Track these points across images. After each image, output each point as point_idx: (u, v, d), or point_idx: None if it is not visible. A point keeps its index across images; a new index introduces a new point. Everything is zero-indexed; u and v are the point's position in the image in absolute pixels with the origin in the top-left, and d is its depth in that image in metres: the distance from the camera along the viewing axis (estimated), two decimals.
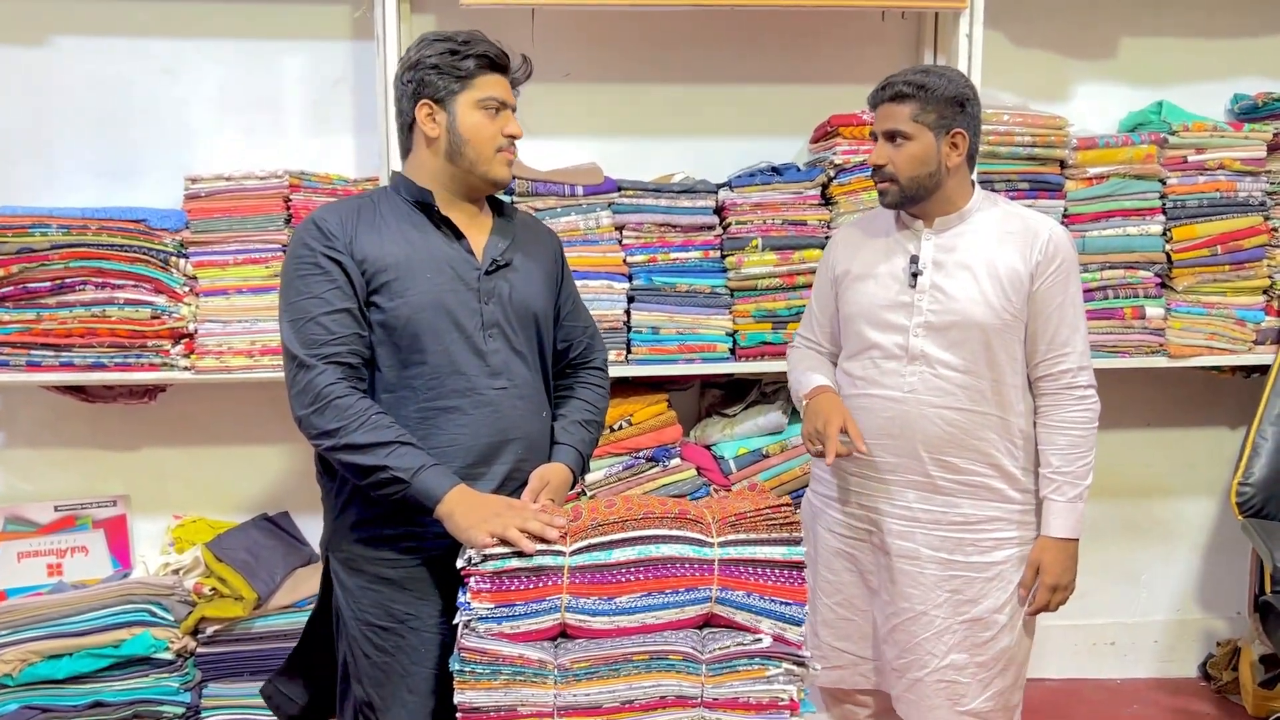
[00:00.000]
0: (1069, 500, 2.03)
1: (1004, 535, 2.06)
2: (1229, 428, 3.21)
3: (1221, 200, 2.83)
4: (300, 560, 2.82)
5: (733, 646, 1.50)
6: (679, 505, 1.55)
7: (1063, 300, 2.01)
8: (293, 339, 1.70)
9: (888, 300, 2.06)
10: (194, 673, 2.64)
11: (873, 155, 2.03)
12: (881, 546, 2.10)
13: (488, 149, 1.78)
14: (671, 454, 2.76)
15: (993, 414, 2.03)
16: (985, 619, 2.05)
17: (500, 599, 1.46)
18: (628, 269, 2.70)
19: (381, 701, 1.75)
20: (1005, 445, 2.04)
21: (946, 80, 1.99)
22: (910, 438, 2.04)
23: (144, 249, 2.56)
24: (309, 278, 1.71)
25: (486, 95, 1.77)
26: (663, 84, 2.92)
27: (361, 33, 2.78)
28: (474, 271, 1.78)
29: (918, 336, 2.03)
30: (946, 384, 2.02)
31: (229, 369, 2.60)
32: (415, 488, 1.62)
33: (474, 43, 1.77)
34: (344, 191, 2.65)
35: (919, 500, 2.05)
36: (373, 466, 1.63)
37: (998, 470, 2.04)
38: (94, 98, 2.76)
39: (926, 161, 1.99)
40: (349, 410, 1.65)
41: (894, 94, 1.99)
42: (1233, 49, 3.07)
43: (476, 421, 1.76)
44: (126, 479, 2.89)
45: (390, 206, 1.81)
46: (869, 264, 2.11)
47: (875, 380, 2.08)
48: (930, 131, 1.98)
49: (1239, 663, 3.11)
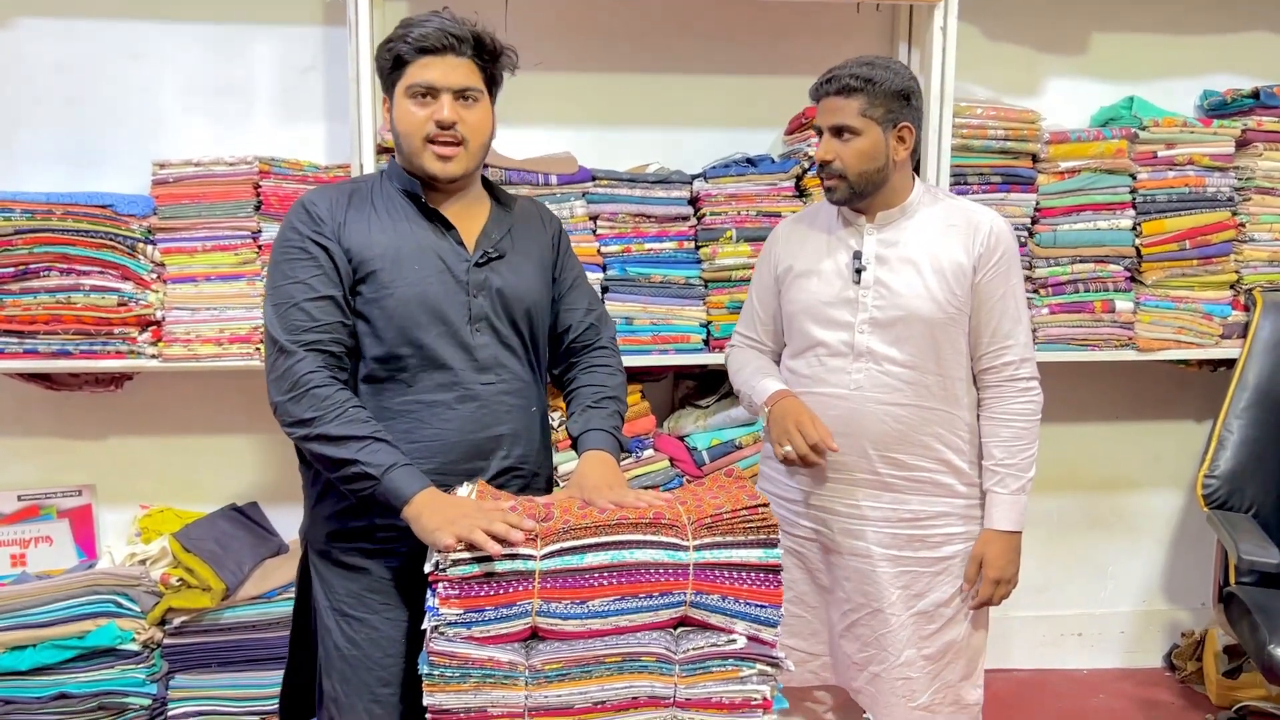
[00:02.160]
0: (1011, 493, 2.02)
1: (952, 530, 2.05)
2: (1195, 421, 3.25)
3: (1190, 195, 2.85)
4: (269, 551, 2.80)
5: (706, 647, 1.49)
6: (654, 509, 1.53)
7: (1005, 292, 2.00)
8: (275, 323, 1.66)
9: (832, 297, 2.04)
10: (161, 664, 2.62)
11: (819, 150, 1.99)
12: (832, 546, 2.09)
13: (415, 140, 1.70)
14: (645, 445, 2.76)
15: (939, 409, 2.02)
16: (930, 612, 2.05)
17: (469, 604, 1.44)
18: (602, 259, 2.69)
19: (347, 697, 1.72)
20: (952, 440, 2.03)
21: (892, 73, 1.95)
22: (858, 435, 2.02)
23: (110, 235, 2.52)
24: (295, 262, 1.68)
25: (414, 81, 1.69)
26: (637, 74, 2.90)
27: (333, 18, 2.74)
28: (463, 263, 1.74)
29: (863, 333, 2.01)
30: (893, 380, 2.00)
31: (197, 357, 2.57)
32: (384, 486, 1.58)
33: (413, 25, 1.69)
34: (315, 179, 2.62)
35: (868, 499, 2.04)
36: (344, 460, 1.60)
37: (945, 465, 2.03)
38: (59, 81, 2.71)
39: (875, 157, 1.96)
40: (326, 400, 1.62)
41: (840, 87, 1.95)
42: (1203, 45, 3.09)
43: (463, 417, 1.73)
44: (92, 468, 2.86)
45: (382, 194, 1.77)
46: (812, 260, 2.09)
47: (821, 378, 2.06)
48: (878, 126, 1.95)
49: (1203, 653, 3.16)
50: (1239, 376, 2.81)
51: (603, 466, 1.72)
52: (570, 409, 1.87)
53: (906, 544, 2.04)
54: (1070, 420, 3.18)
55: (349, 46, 2.51)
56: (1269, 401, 2.78)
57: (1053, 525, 3.24)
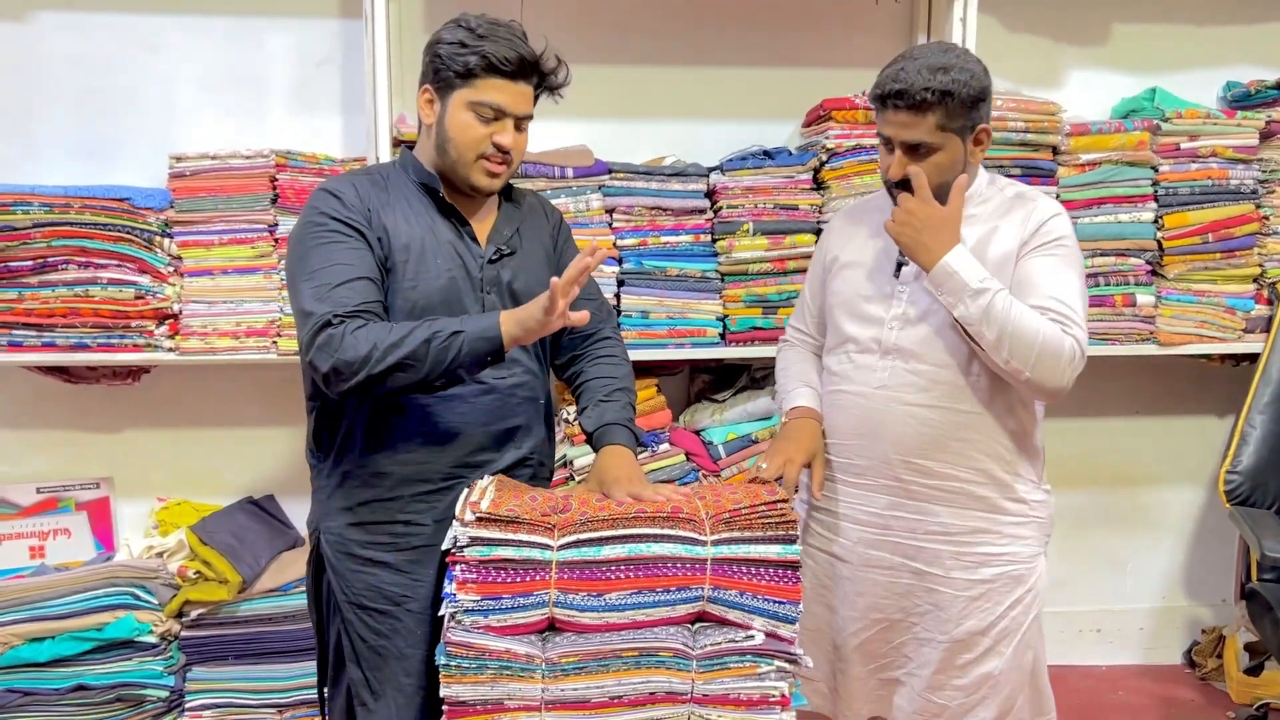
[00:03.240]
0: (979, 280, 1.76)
1: (990, 550, 1.87)
2: (1217, 416, 3.22)
3: (1213, 188, 2.82)
4: (286, 544, 2.81)
5: (724, 643, 1.48)
6: (672, 502, 1.53)
7: (1051, 265, 1.80)
8: (318, 307, 1.60)
9: (870, 291, 1.92)
10: (178, 656, 2.63)
11: (892, 169, 1.81)
12: (849, 557, 1.95)
13: (469, 154, 1.71)
14: (660, 439, 2.74)
15: (975, 413, 1.85)
16: (966, 640, 1.87)
17: (486, 590, 1.44)
18: (618, 252, 2.68)
19: (378, 683, 1.73)
20: (993, 448, 1.86)
21: (968, 76, 1.76)
22: (879, 437, 1.88)
23: (128, 228, 2.52)
24: (331, 245, 1.65)
25: (483, 100, 1.69)
26: (654, 66, 2.89)
27: (349, 11, 2.74)
28: (477, 260, 1.75)
29: (893, 329, 1.88)
30: (920, 380, 1.85)
31: (214, 350, 2.57)
32: (470, 332, 1.56)
33: (490, 39, 1.67)
34: (331, 171, 2.62)
35: (891, 507, 1.90)
36: (421, 341, 1.55)
37: (984, 476, 1.86)
38: (77, 74, 2.71)
39: (954, 167, 1.81)
40: (375, 331, 1.57)
41: (914, 103, 1.75)
42: (1226, 36, 3.05)
43: (479, 410, 1.74)
44: (110, 461, 2.86)
45: (399, 184, 1.77)
46: (858, 252, 1.98)
47: (848, 375, 1.94)
48: (957, 137, 1.79)
49: (1223, 650, 3.13)
50: (1262, 371, 2.77)
51: (621, 461, 1.72)
52: (581, 403, 1.87)
53: (935, 559, 1.87)
54: (1090, 415, 3.15)
55: (365, 39, 2.51)
56: None
57: (1072, 520, 3.21)
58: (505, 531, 1.46)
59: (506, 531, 1.46)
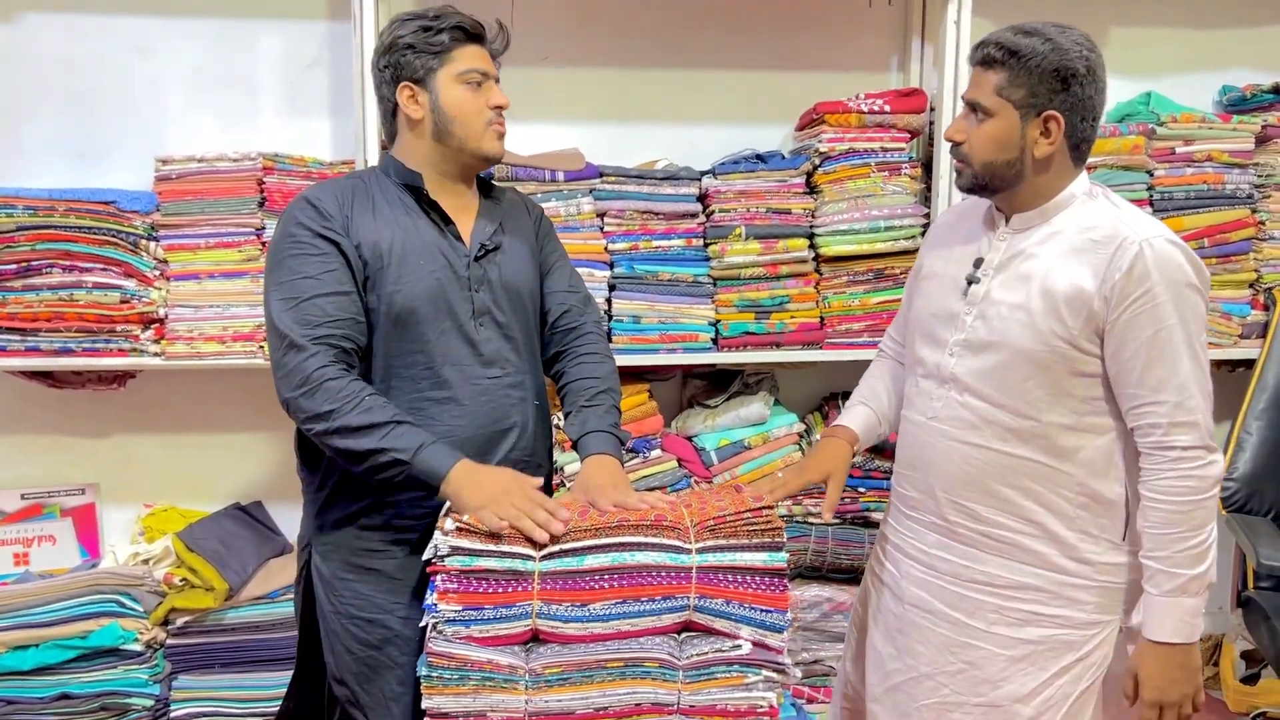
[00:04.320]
0: (1164, 594, 1.59)
1: (1040, 610, 1.68)
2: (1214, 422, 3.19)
3: (1209, 192, 2.80)
4: (273, 551, 2.78)
5: (711, 653, 1.46)
6: (655, 511, 1.50)
7: (1154, 334, 1.55)
8: (286, 320, 1.61)
9: (942, 309, 1.74)
10: (163, 664, 2.60)
11: (950, 127, 1.68)
12: (899, 593, 1.82)
13: (476, 123, 1.73)
14: (652, 445, 2.72)
15: (1031, 460, 1.66)
16: (1005, 707, 1.69)
17: (468, 601, 1.41)
18: (609, 256, 2.65)
19: (369, 697, 1.71)
20: (1052, 500, 1.66)
21: (1051, 46, 1.57)
22: (927, 471, 1.74)
23: (113, 231, 2.50)
24: (305, 257, 1.64)
25: (467, 68, 1.72)
26: (646, 69, 2.87)
27: (338, 13, 2.72)
28: (463, 259, 1.74)
29: (953, 355, 1.70)
30: (971, 415, 1.68)
31: (201, 355, 2.55)
32: (416, 467, 1.55)
33: (446, 16, 1.73)
34: (319, 175, 2.60)
35: (938, 547, 1.75)
36: (370, 450, 1.56)
37: (1038, 529, 1.67)
38: (63, 76, 2.68)
39: (1006, 146, 1.61)
40: (342, 392, 1.58)
41: (983, 56, 1.62)
42: (1221, 40, 3.04)
43: (471, 412, 1.72)
44: (96, 467, 2.84)
45: (381, 189, 1.75)
46: (941, 263, 1.78)
47: (912, 401, 1.80)
48: (1015, 110, 1.60)
49: (1220, 658, 3.10)
50: (1258, 377, 2.76)
51: (606, 469, 1.70)
52: (565, 407, 1.85)
53: (976, 610, 1.71)
54: None
55: (353, 41, 2.49)
56: None
57: None
58: (487, 542, 1.43)
59: (488, 542, 1.43)
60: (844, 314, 2.71)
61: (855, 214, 2.66)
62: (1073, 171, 1.67)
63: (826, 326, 2.71)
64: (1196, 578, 1.58)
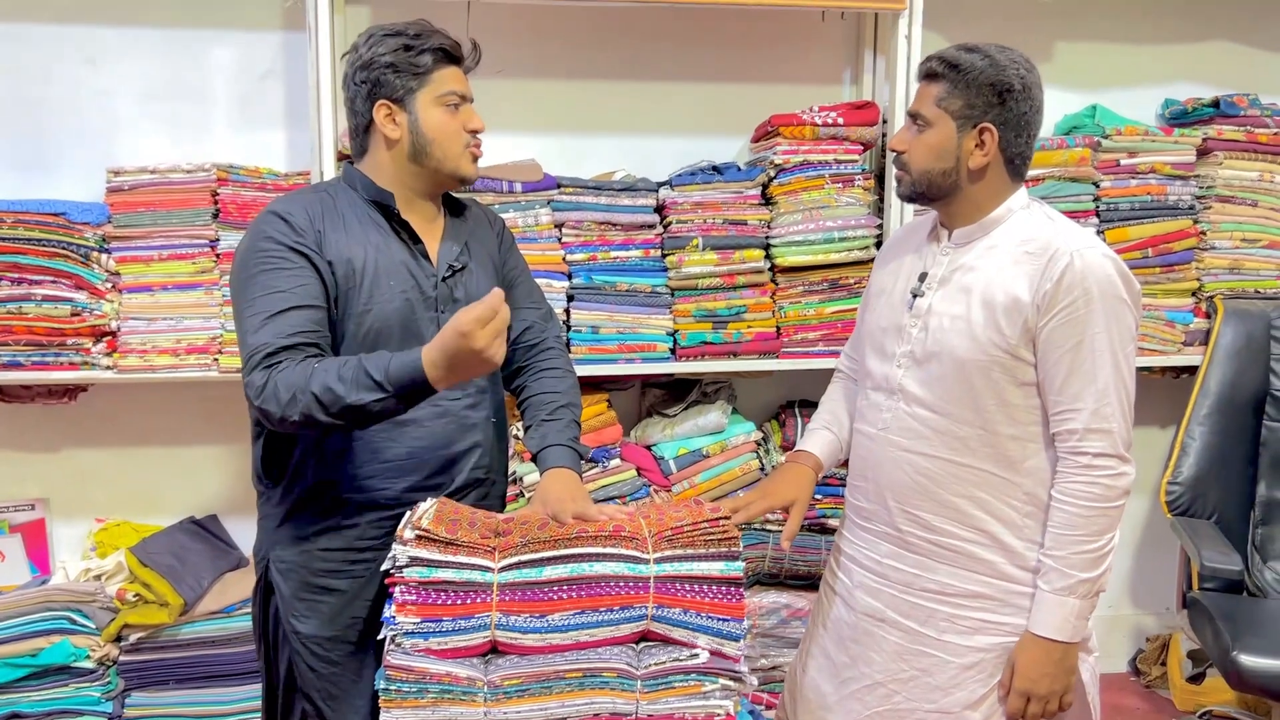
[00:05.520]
0: (1055, 591, 1.64)
1: (989, 618, 1.71)
2: (1159, 427, 3.27)
3: (1153, 203, 2.87)
4: (229, 564, 2.75)
5: (669, 662, 1.47)
6: (614, 522, 1.52)
7: (1078, 343, 1.61)
8: (253, 333, 1.56)
9: (889, 323, 1.80)
10: (116, 681, 2.56)
11: (894, 136, 1.76)
12: (851, 602, 1.85)
13: (454, 146, 1.73)
14: (611, 454, 2.73)
15: (980, 469, 1.69)
16: (956, 714, 1.72)
17: (426, 613, 1.42)
18: (567, 267, 2.67)
19: (334, 713, 1.70)
20: (1001, 510, 1.69)
21: (990, 63, 1.65)
22: (879, 481, 1.78)
23: (64, 243, 2.47)
24: (277, 272, 1.61)
25: (447, 90, 1.72)
26: (602, 80, 2.88)
27: (293, 23, 2.71)
28: (430, 279, 1.73)
29: (900, 367, 1.75)
30: (919, 425, 1.72)
31: (153, 368, 2.52)
32: (395, 391, 1.48)
33: (426, 35, 1.72)
34: (274, 186, 2.58)
35: (891, 556, 1.78)
36: (349, 406, 1.48)
37: (987, 538, 1.70)
38: (10, 86, 2.65)
39: (943, 155, 1.68)
40: (294, 374, 1.51)
41: (926, 70, 1.71)
42: (1163, 55, 3.12)
43: (434, 434, 1.72)
44: (46, 481, 2.80)
45: (348, 203, 1.73)
46: (890, 278, 1.84)
47: (863, 414, 1.84)
48: (953, 121, 1.67)
49: (1167, 658, 3.17)
50: (1201, 383, 2.83)
51: (565, 482, 1.70)
52: (525, 420, 1.85)
53: (928, 619, 1.74)
54: None
55: (309, 52, 2.48)
56: (1230, 408, 2.80)
57: None
58: (445, 553, 1.44)
59: (446, 553, 1.44)
60: (800, 323, 2.74)
61: (810, 225, 2.70)
62: (1010, 186, 1.73)
63: (783, 336, 2.74)
64: (1087, 581, 1.64)
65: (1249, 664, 2.29)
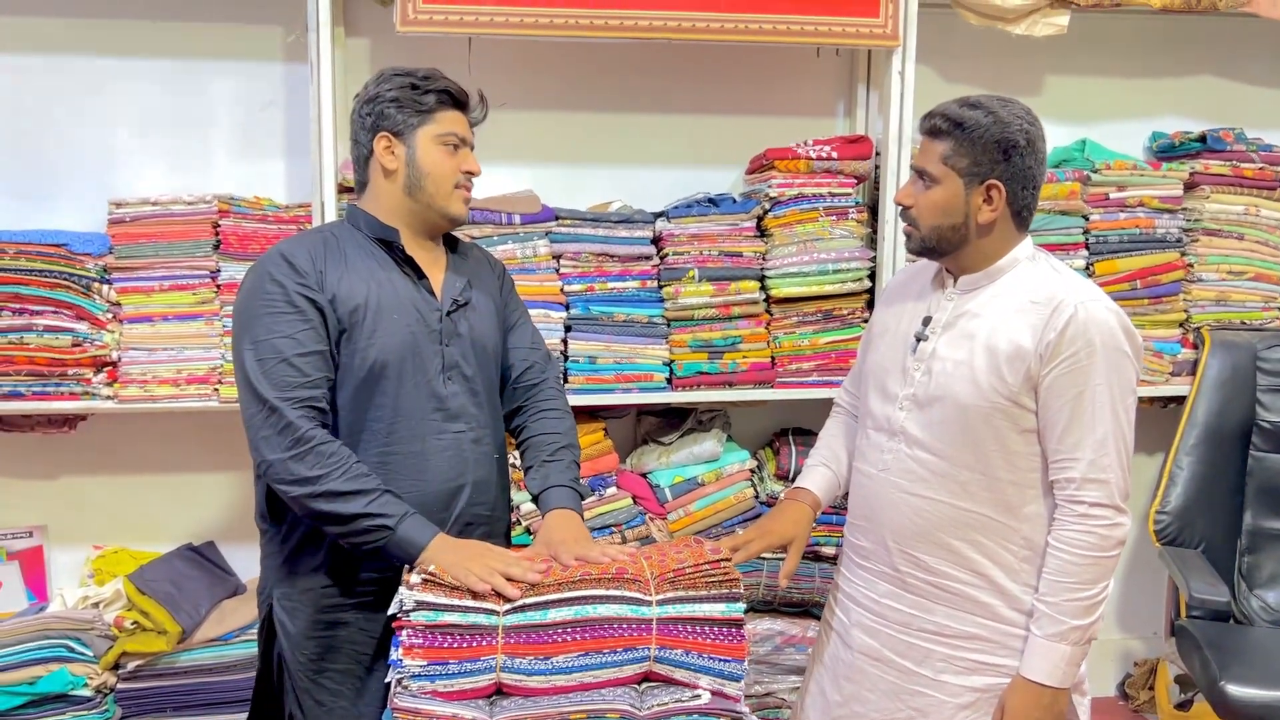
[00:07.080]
0: (1046, 636, 1.66)
1: (987, 659, 1.73)
2: (1147, 454, 3.30)
3: (1141, 236, 2.91)
4: (226, 591, 2.76)
5: (671, 703, 1.49)
6: (617, 564, 1.54)
7: (1079, 394, 1.63)
8: (260, 379, 1.62)
9: (892, 364, 1.81)
10: (114, 709, 2.57)
11: (900, 191, 1.78)
12: (848, 640, 1.87)
13: (446, 184, 1.77)
14: (608, 482, 2.76)
15: (979, 514, 1.71)
16: None
17: (433, 656, 1.44)
18: (565, 298, 2.69)
19: None
20: (999, 554, 1.71)
21: (994, 119, 1.66)
22: (879, 522, 1.80)
23: (65, 274, 2.49)
24: (280, 316, 1.65)
25: (447, 131, 1.77)
26: (600, 113, 2.92)
27: (294, 55, 2.73)
28: (435, 313, 1.77)
29: (902, 409, 1.77)
30: (920, 468, 1.74)
31: (154, 398, 2.53)
32: (399, 535, 1.59)
33: (434, 79, 1.78)
34: (275, 218, 2.60)
35: (889, 596, 1.80)
36: (355, 514, 1.59)
37: (985, 581, 1.72)
38: (12, 117, 2.67)
39: (951, 212, 1.70)
40: (331, 457, 1.61)
41: (929, 127, 1.71)
42: (1152, 89, 3.17)
43: (435, 467, 1.74)
44: (44, 508, 2.81)
45: (352, 242, 1.77)
46: (894, 320, 1.86)
47: (864, 453, 1.86)
48: (960, 179, 1.69)
49: (1155, 682, 3.20)
50: (1188, 414, 2.87)
51: (568, 523, 1.73)
52: (526, 460, 1.89)
53: (925, 659, 1.76)
54: None
55: (310, 85, 2.50)
56: (1217, 438, 2.84)
57: None
58: (451, 596, 1.46)
59: (453, 596, 1.46)
60: (794, 354, 2.77)
61: (804, 257, 2.73)
62: (1016, 236, 1.75)
63: (778, 366, 2.77)
64: (1079, 628, 1.65)
65: (1236, 694, 2.32)
